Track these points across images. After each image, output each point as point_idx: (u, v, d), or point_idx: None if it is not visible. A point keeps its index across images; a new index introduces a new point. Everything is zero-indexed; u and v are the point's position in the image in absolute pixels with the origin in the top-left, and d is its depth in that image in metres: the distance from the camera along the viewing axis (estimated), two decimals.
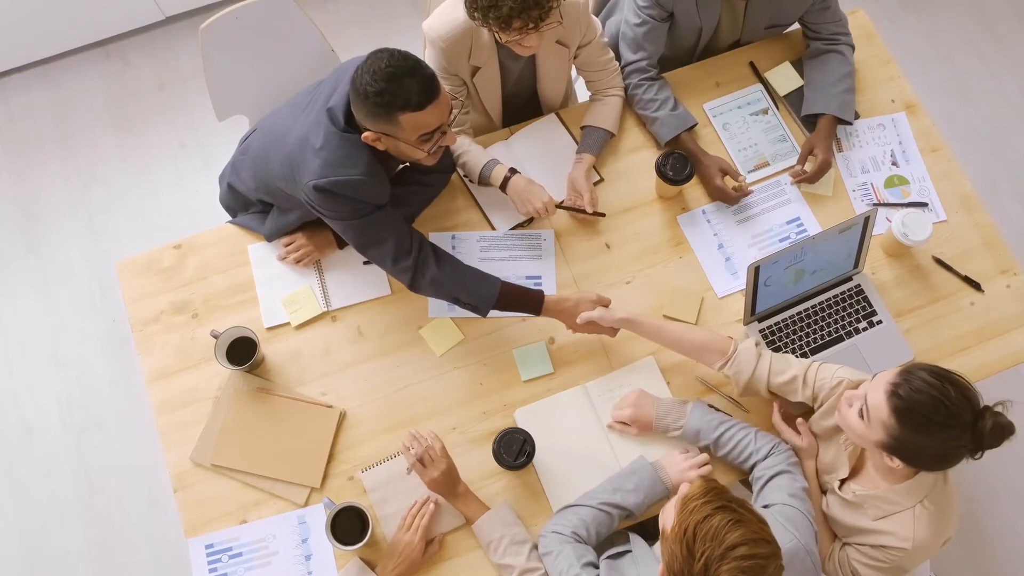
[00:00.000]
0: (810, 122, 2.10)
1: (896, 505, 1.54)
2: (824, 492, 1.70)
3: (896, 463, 1.46)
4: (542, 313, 1.84)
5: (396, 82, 1.53)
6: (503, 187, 1.98)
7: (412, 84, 1.54)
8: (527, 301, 1.83)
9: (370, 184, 1.67)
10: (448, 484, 1.71)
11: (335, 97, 1.66)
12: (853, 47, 2.12)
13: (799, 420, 1.77)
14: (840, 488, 1.64)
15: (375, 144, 1.65)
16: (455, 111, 1.66)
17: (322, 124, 1.65)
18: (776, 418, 1.77)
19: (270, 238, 2.01)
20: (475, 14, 1.71)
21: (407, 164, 2.00)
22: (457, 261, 1.83)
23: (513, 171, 1.98)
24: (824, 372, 1.66)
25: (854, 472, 1.64)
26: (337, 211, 1.70)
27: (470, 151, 2.02)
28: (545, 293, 1.84)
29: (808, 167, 2.03)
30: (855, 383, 1.61)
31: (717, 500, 1.26)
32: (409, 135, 1.61)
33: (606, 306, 1.84)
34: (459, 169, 2.06)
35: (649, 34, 2.05)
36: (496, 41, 1.91)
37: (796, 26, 2.19)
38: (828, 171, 2.03)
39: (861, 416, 1.46)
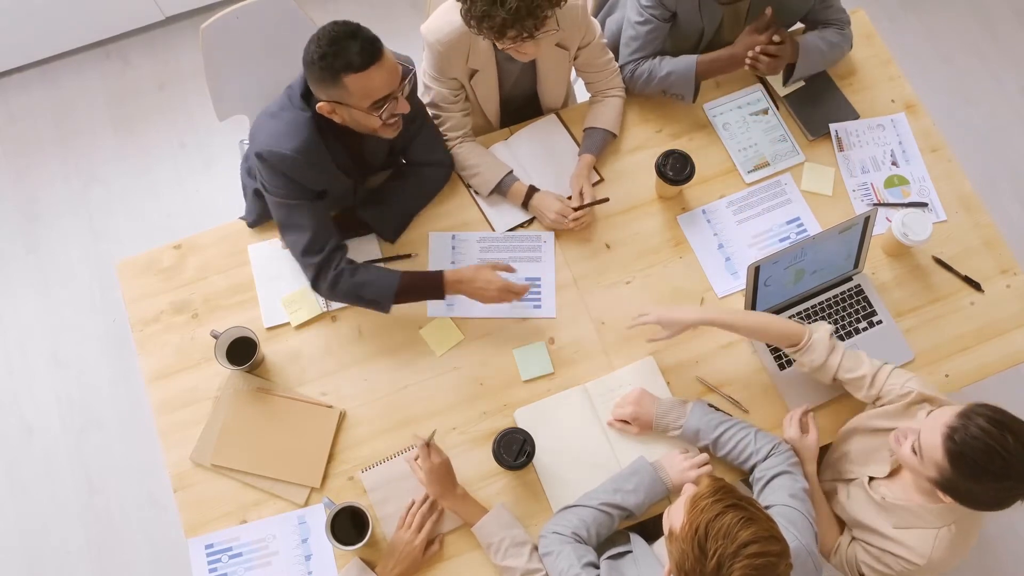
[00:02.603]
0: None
1: (923, 521, 1.53)
2: (847, 482, 1.69)
3: (948, 500, 1.44)
4: (446, 291, 1.83)
5: (337, 44, 1.57)
6: (525, 204, 2.01)
7: (353, 45, 1.57)
8: (429, 283, 1.83)
9: (304, 165, 1.71)
10: (446, 481, 1.72)
11: (296, 77, 1.72)
12: (852, 44, 2.12)
13: (810, 414, 1.77)
14: (869, 484, 1.63)
15: (331, 116, 1.69)
16: (409, 82, 1.69)
17: (281, 100, 1.73)
18: (789, 416, 1.77)
19: (252, 224, 2.03)
20: (470, 23, 1.73)
21: (404, 159, 2.01)
22: (365, 269, 1.83)
23: (533, 188, 2.00)
24: (895, 378, 1.65)
25: (890, 474, 1.63)
26: (271, 183, 1.76)
27: (482, 164, 2.02)
28: (445, 272, 1.83)
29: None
30: (925, 396, 1.60)
31: (727, 498, 1.26)
32: (359, 100, 1.63)
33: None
34: (465, 179, 2.06)
35: (650, 33, 2.05)
36: (494, 44, 1.91)
37: (798, 25, 2.19)
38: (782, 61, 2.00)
39: (914, 452, 1.45)
